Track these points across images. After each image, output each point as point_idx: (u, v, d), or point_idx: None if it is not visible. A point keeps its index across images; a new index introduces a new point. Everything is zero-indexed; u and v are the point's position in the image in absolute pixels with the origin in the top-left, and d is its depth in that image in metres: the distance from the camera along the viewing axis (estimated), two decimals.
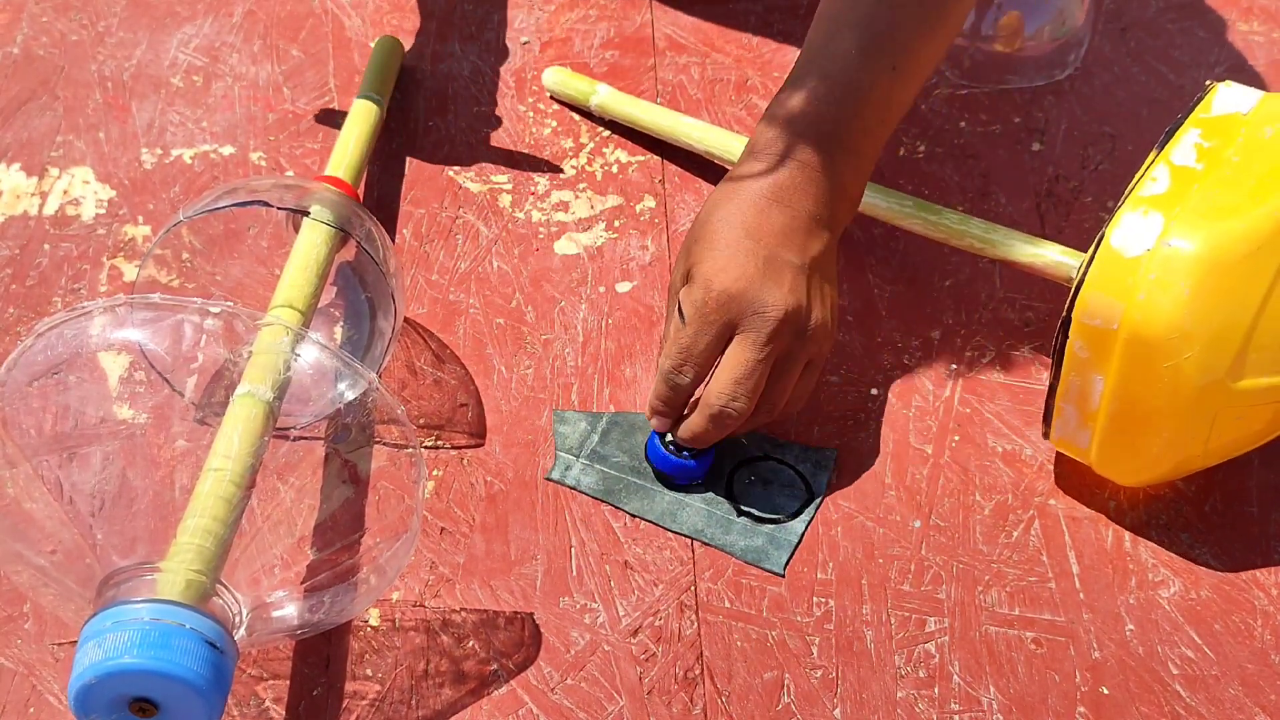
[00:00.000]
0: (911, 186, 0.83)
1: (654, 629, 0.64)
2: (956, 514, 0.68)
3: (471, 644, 0.63)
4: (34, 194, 0.84)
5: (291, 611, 0.59)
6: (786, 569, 0.66)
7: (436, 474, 0.70)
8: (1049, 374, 0.65)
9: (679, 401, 0.67)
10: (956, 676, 0.62)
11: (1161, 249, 0.60)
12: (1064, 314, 0.63)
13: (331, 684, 0.62)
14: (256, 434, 0.58)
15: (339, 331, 0.74)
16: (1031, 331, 0.76)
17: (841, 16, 0.68)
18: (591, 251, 0.80)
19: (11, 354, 0.56)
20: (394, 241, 0.81)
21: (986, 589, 0.65)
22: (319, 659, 0.63)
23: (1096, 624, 0.64)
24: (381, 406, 0.61)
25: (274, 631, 0.59)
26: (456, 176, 0.85)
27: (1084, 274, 0.62)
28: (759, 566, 0.66)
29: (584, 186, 0.84)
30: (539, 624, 0.64)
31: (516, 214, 0.82)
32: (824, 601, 0.65)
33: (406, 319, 0.77)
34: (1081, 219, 0.82)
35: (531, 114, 0.89)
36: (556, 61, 0.92)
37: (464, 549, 0.67)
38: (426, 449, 0.71)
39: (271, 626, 0.58)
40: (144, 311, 0.58)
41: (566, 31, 0.94)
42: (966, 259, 0.79)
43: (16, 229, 0.82)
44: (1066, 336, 0.63)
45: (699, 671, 0.63)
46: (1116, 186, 0.83)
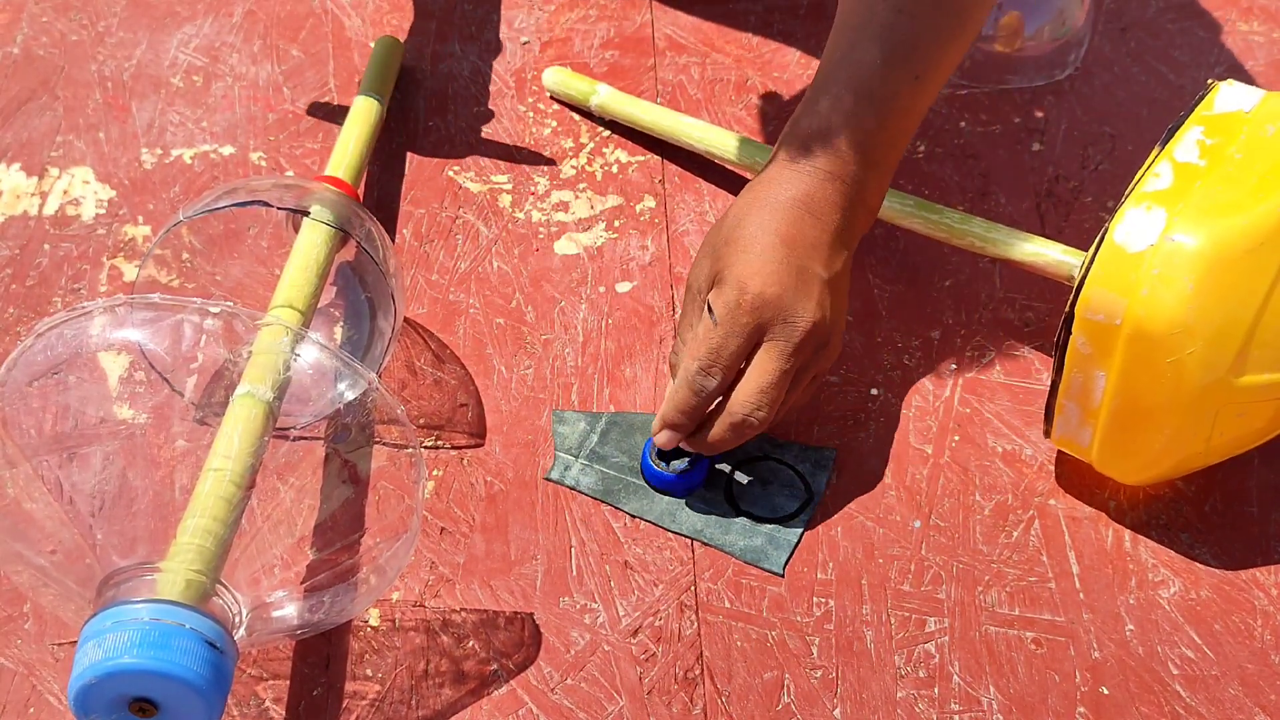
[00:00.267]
0: (911, 186, 0.83)
1: (654, 629, 0.64)
2: (956, 514, 0.68)
3: (471, 644, 0.63)
4: (34, 194, 0.84)
5: (291, 611, 0.59)
6: (786, 569, 0.66)
7: (436, 474, 0.70)
8: (1050, 372, 0.65)
9: (702, 409, 0.65)
10: (956, 676, 0.62)
11: (1165, 244, 0.60)
12: (1067, 310, 0.63)
13: (331, 684, 0.62)
14: (256, 434, 0.58)
15: (339, 331, 0.74)
16: (1031, 331, 0.76)
17: (862, 27, 0.68)
18: (591, 251, 0.80)
19: (11, 354, 0.56)
20: (394, 241, 0.81)
21: (986, 589, 0.65)
22: (319, 659, 0.63)
23: (1096, 624, 0.64)
24: (381, 406, 0.61)
25: (274, 631, 0.59)
26: (456, 176, 0.85)
27: (1087, 269, 0.62)
28: (758, 566, 0.66)
29: (584, 186, 0.84)
30: (539, 624, 0.64)
31: (516, 214, 0.82)
32: (824, 601, 0.65)
33: (406, 319, 0.77)
34: (1081, 219, 0.82)
35: (531, 114, 0.89)
36: (556, 61, 0.92)
37: (464, 549, 0.67)
38: (426, 449, 0.71)
39: (271, 626, 0.58)
40: (144, 311, 0.58)
41: (566, 31, 0.94)
42: (966, 259, 0.79)
43: (16, 229, 0.82)
44: (1069, 333, 0.63)
45: (699, 671, 0.63)
46: (1116, 186, 0.83)
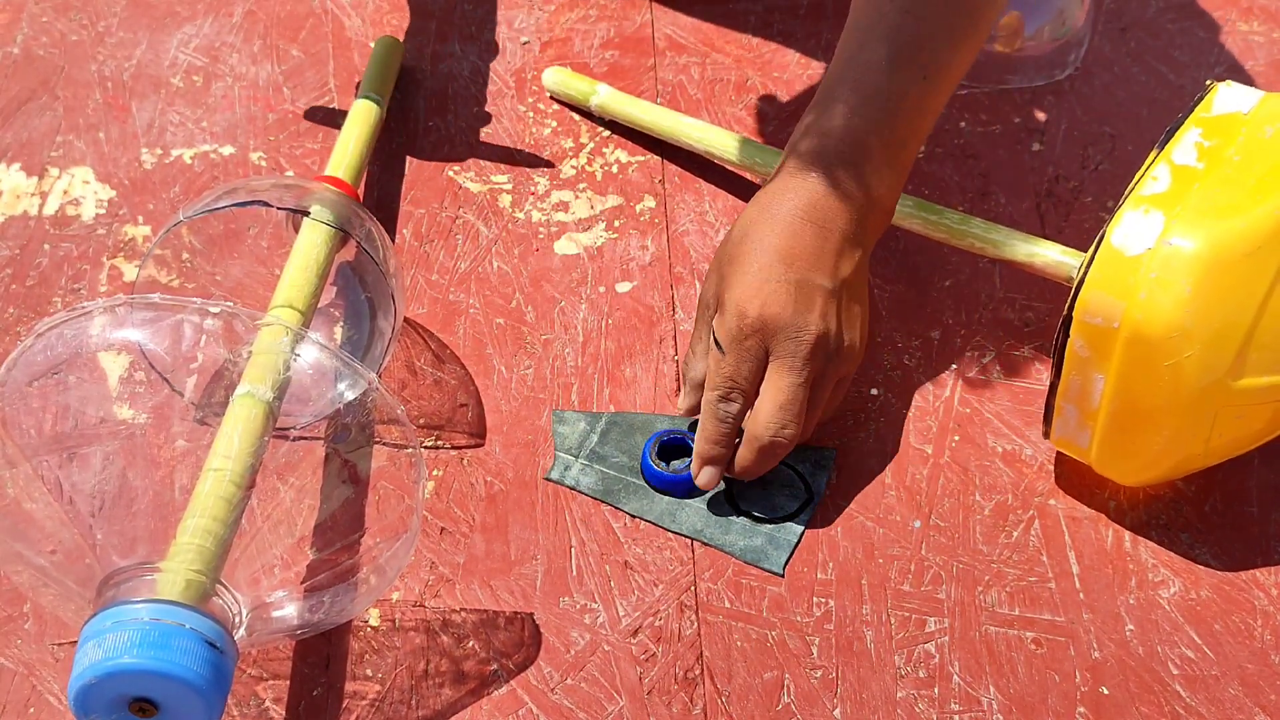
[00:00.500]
0: (911, 186, 0.83)
1: (654, 629, 0.64)
2: (956, 514, 0.68)
3: (471, 644, 0.63)
4: (34, 194, 0.84)
5: (291, 611, 0.59)
6: (786, 569, 0.66)
7: (436, 474, 0.70)
8: (1049, 374, 0.65)
9: (732, 435, 0.66)
10: (956, 676, 0.62)
11: (1162, 248, 0.60)
12: (1065, 313, 0.63)
13: (331, 684, 0.62)
14: (256, 434, 0.58)
15: (339, 331, 0.74)
16: (1031, 331, 0.76)
17: (870, 28, 0.68)
18: (591, 251, 0.80)
19: (11, 354, 0.56)
20: (394, 241, 0.81)
21: (986, 589, 0.65)
22: (319, 659, 0.63)
23: (1096, 624, 0.64)
24: (381, 406, 0.61)
25: (274, 631, 0.59)
26: (456, 176, 0.85)
27: (1085, 273, 0.62)
28: (758, 566, 0.66)
29: (584, 186, 0.84)
30: (539, 624, 0.64)
31: (516, 214, 0.82)
32: (824, 601, 0.65)
33: (406, 319, 0.77)
34: (1081, 219, 0.82)
35: (531, 114, 0.89)
36: (556, 61, 0.92)
37: (464, 549, 0.67)
38: (426, 449, 0.71)
39: (271, 626, 0.58)
40: (144, 311, 0.58)
41: (566, 31, 0.94)
42: (966, 259, 0.79)
43: (16, 229, 0.82)
44: (1067, 335, 0.63)
45: (699, 671, 0.63)
46: (1116, 186, 0.83)
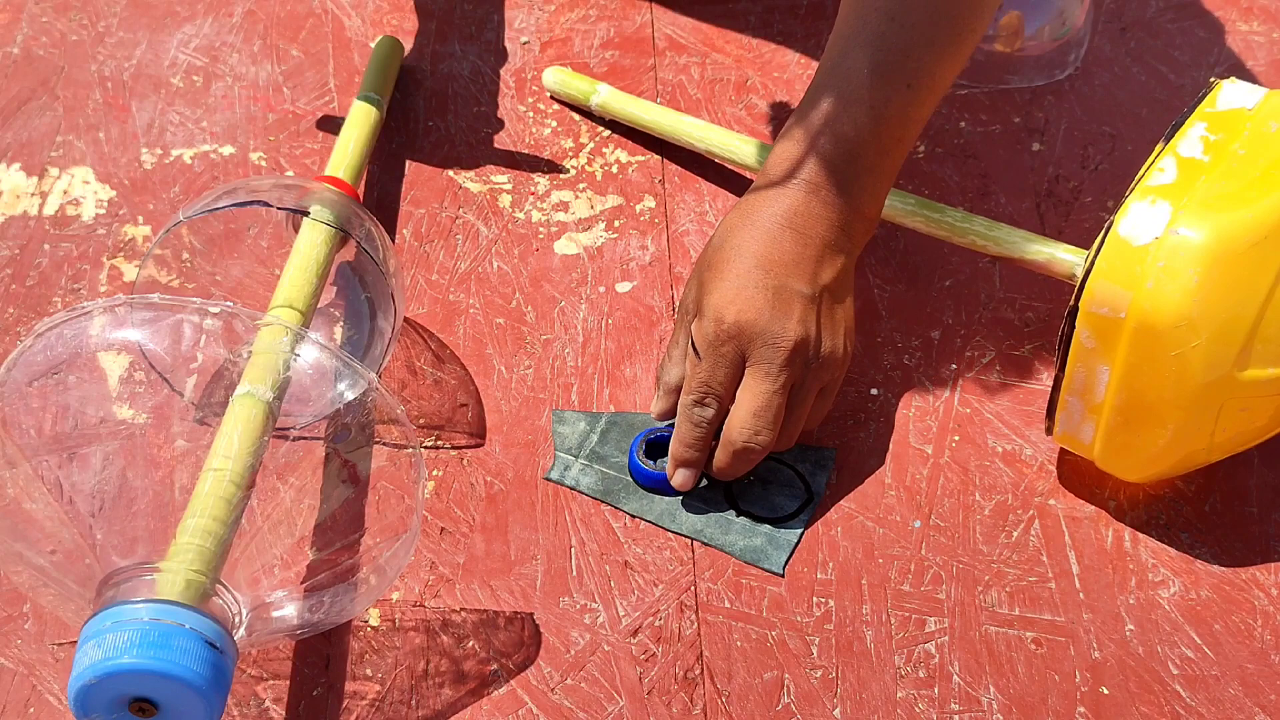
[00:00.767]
0: (911, 186, 0.83)
1: (654, 629, 0.64)
2: (956, 514, 0.68)
3: (471, 644, 0.63)
4: (34, 194, 0.84)
5: (291, 611, 0.59)
6: (786, 569, 0.66)
7: (436, 474, 0.70)
8: (1053, 369, 0.65)
9: (706, 439, 0.67)
10: (956, 676, 0.62)
11: (1170, 237, 0.60)
12: (1071, 304, 0.63)
13: (331, 684, 0.62)
14: (256, 434, 0.58)
15: (339, 331, 0.74)
16: (1031, 331, 0.76)
17: (854, 36, 0.68)
18: (591, 251, 0.80)
19: (11, 354, 0.56)
20: (394, 241, 0.81)
21: (986, 589, 0.65)
22: (319, 659, 0.63)
23: (1096, 624, 0.64)
24: (381, 406, 0.61)
25: (274, 631, 0.59)
26: (456, 177, 0.85)
27: (1092, 263, 0.62)
28: (758, 566, 0.66)
29: (584, 186, 0.84)
30: (539, 624, 0.64)
31: (516, 214, 0.82)
32: (824, 601, 0.65)
33: (406, 319, 0.77)
34: (1081, 219, 0.82)
35: (531, 114, 0.89)
36: (556, 61, 0.92)
37: (464, 549, 0.67)
38: (426, 449, 0.71)
39: (271, 626, 0.58)
40: (144, 311, 0.58)
41: (566, 31, 0.94)
42: (966, 259, 0.79)
43: (16, 229, 0.82)
44: (1073, 327, 0.63)
45: (699, 671, 0.63)
46: (1116, 186, 0.83)
